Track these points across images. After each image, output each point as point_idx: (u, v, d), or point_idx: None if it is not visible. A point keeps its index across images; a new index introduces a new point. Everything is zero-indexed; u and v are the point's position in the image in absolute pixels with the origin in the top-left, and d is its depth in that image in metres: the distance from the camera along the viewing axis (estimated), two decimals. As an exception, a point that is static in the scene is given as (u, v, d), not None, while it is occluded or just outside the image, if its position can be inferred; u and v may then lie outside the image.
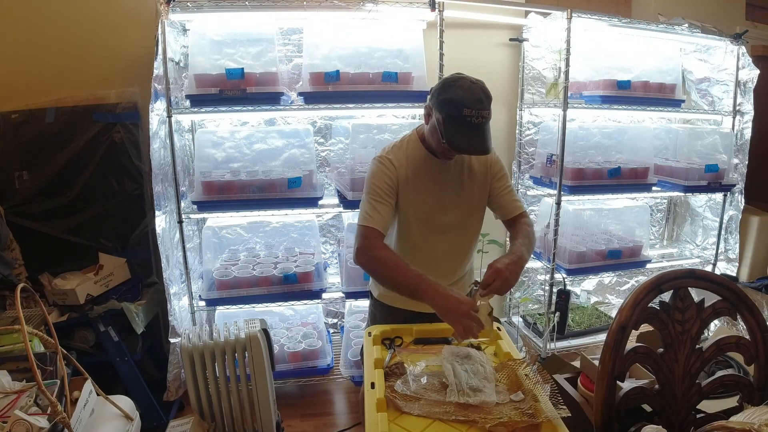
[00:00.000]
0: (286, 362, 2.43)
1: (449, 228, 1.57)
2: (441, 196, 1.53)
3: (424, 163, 1.52)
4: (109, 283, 2.23)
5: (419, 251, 1.58)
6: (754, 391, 1.18)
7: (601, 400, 1.14)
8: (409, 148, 1.53)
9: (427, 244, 1.57)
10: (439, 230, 1.56)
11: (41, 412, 1.18)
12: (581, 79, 2.64)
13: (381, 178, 1.48)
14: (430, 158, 1.52)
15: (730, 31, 2.75)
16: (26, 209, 2.32)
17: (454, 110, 1.35)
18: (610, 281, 3.20)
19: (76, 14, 2.37)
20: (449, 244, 1.60)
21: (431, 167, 1.52)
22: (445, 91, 1.39)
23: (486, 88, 1.41)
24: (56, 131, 2.33)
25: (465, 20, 2.64)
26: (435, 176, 1.52)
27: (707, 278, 1.20)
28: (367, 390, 1.22)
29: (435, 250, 1.59)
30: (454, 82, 1.39)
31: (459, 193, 1.56)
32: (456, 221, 1.57)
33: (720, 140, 2.78)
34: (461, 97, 1.35)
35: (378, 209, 1.46)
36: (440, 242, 1.58)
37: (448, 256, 1.62)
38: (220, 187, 2.24)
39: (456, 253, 1.63)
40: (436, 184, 1.53)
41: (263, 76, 2.19)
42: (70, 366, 1.34)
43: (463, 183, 1.56)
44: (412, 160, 1.51)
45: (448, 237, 1.58)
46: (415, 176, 1.51)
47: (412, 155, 1.52)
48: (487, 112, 1.39)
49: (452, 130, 1.36)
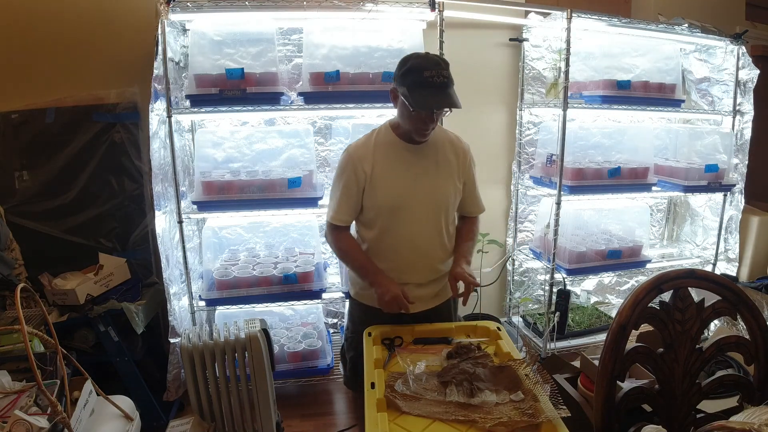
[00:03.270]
0: (286, 362, 2.43)
1: (423, 213, 1.59)
2: (413, 181, 1.57)
3: (395, 149, 1.58)
4: (109, 283, 2.22)
5: (393, 238, 1.60)
6: (754, 391, 1.18)
7: (601, 400, 1.14)
8: (379, 136, 1.60)
9: (401, 230, 1.59)
10: (413, 215, 1.58)
11: (41, 412, 1.18)
12: (581, 79, 2.64)
13: (349, 173, 1.57)
14: (401, 144, 1.58)
15: (730, 31, 2.75)
16: (26, 209, 2.32)
17: (415, 76, 1.43)
18: (610, 281, 3.20)
19: (76, 14, 2.37)
20: (424, 231, 1.61)
21: (403, 153, 1.58)
22: (404, 65, 1.48)
23: (442, 57, 1.52)
24: (56, 131, 2.33)
25: (465, 20, 2.64)
26: (407, 161, 1.57)
27: (707, 278, 1.20)
28: (367, 390, 1.22)
29: (409, 236, 1.60)
30: (409, 57, 1.49)
31: (433, 179, 1.59)
32: (429, 206, 1.60)
33: (720, 140, 2.78)
34: (419, 64, 1.44)
35: (344, 204, 1.59)
36: (415, 228, 1.59)
37: (425, 244, 1.63)
38: (220, 187, 2.24)
39: (432, 242, 1.64)
40: (408, 170, 1.57)
41: (263, 76, 2.18)
42: (70, 366, 1.33)
43: (438, 168, 1.60)
44: (381, 146, 1.58)
45: (423, 223, 1.60)
46: (385, 161, 1.56)
47: (382, 141, 1.59)
48: (447, 72, 1.46)
49: (418, 94, 1.42)
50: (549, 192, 2.62)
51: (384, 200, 1.56)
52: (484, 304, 2.98)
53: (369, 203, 1.58)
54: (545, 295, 2.75)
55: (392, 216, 1.57)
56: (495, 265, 3.05)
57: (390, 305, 1.53)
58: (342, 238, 1.65)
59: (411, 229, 1.59)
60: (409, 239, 1.60)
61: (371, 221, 1.61)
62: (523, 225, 3.03)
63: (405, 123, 1.53)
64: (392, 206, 1.56)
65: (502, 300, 3.17)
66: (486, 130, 2.92)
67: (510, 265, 3.07)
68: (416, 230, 1.60)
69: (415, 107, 1.43)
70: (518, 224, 3.02)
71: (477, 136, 2.89)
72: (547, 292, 2.69)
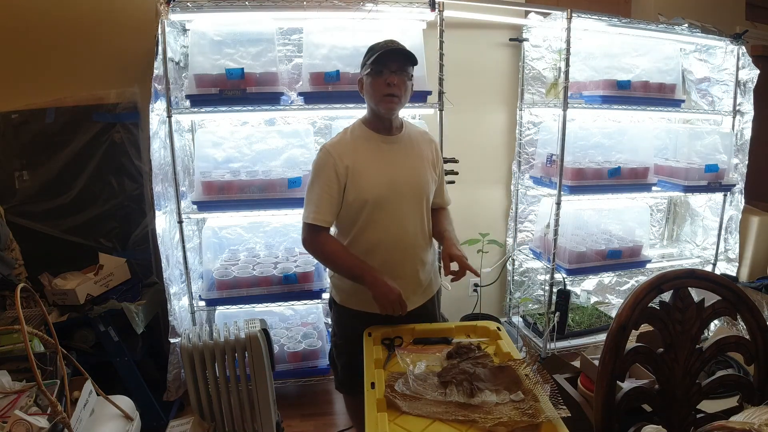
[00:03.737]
0: (286, 362, 2.43)
1: (407, 202, 1.61)
2: (395, 171, 1.59)
3: (373, 142, 1.60)
4: (109, 283, 2.23)
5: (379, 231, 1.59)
6: (754, 391, 1.18)
7: (601, 400, 1.14)
8: (354, 132, 1.63)
9: (387, 221, 1.59)
10: (398, 205, 1.59)
11: (41, 412, 1.18)
12: (581, 79, 2.64)
13: (326, 170, 1.56)
14: (378, 137, 1.61)
15: (730, 31, 2.75)
16: (26, 209, 2.33)
17: (371, 52, 1.54)
18: (610, 281, 3.20)
19: (76, 14, 2.37)
20: (409, 220, 1.62)
21: (381, 145, 1.60)
22: (366, 52, 1.58)
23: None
24: (56, 131, 2.33)
25: (465, 20, 2.64)
26: (386, 152, 1.60)
27: (707, 278, 1.20)
28: (367, 390, 1.22)
29: (395, 227, 1.60)
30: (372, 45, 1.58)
31: (413, 168, 1.63)
32: (413, 195, 1.62)
33: (720, 140, 2.78)
34: (373, 45, 1.56)
35: (326, 203, 1.56)
36: (400, 218, 1.60)
37: (410, 233, 1.63)
38: (220, 187, 2.24)
39: (416, 231, 1.65)
40: (389, 160, 1.59)
41: (263, 76, 2.19)
42: (70, 366, 1.34)
43: (416, 158, 1.64)
44: (359, 140, 1.60)
45: (407, 212, 1.61)
46: (366, 154, 1.58)
47: (359, 136, 1.61)
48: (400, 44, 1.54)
49: (377, 58, 1.51)
50: (549, 192, 2.62)
51: (369, 192, 1.55)
52: (484, 304, 2.98)
53: (352, 197, 1.56)
54: (545, 295, 2.75)
55: (377, 208, 1.57)
56: (495, 265, 3.05)
57: (393, 305, 1.49)
58: (327, 242, 1.58)
59: (396, 220, 1.59)
60: (394, 230, 1.60)
61: (353, 217, 1.59)
62: (523, 225, 3.03)
63: (372, 98, 1.56)
64: (378, 197, 1.56)
65: (502, 300, 3.17)
66: (486, 130, 2.92)
67: (510, 265, 3.07)
68: (401, 220, 1.60)
69: (375, 67, 1.51)
70: (518, 224, 3.02)
71: (477, 136, 2.90)
72: (547, 292, 2.69)
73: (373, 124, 1.61)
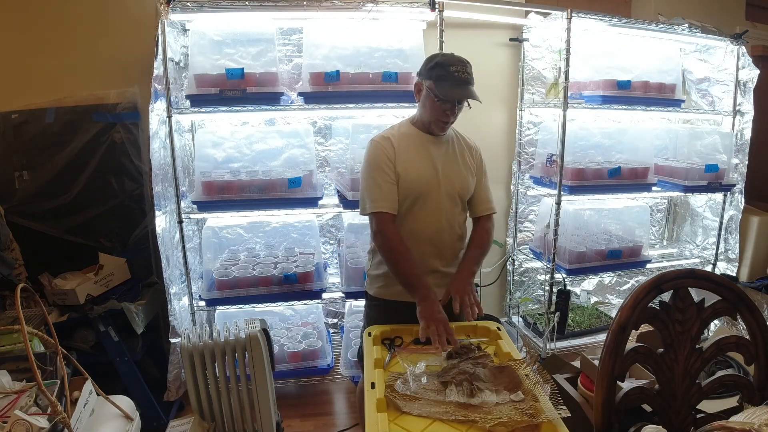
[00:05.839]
0: (286, 362, 2.43)
1: (445, 199, 1.64)
2: (436, 166, 1.63)
3: (418, 139, 1.65)
4: (109, 283, 2.23)
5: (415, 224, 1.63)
6: (754, 391, 1.18)
7: (601, 400, 1.14)
8: (401, 129, 1.69)
9: (424, 216, 1.63)
10: (436, 201, 1.63)
11: (41, 412, 1.18)
12: (581, 79, 2.63)
13: (382, 159, 1.60)
14: (423, 136, 1.66)
15: (730, 31, 2.75)
16: (26, 209, 2.32)
17: (441, 70, 1.55)
18: (610, 281, 3.20)
19: (76, 14, 2.37)
20: (444, 217, 1.65)
21: (425, 143, 1.65)
22: (430, 61, 1.61)
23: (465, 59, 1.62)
24: (56, 131, 2.33)
25: (465, 20, 2.64)
26: (429, 150, 1.65)
27: (707, 278, 1.20)
28: (367, 390, 1.22)
29: (431, 222, 1.64)
30: (435, 54, 1.64)
31: (454, 167, 1.67)
32: (451, 192, 1.65)
33: (720, 140, 2.77)
34: (445, 60, 1.58)
35: (385, 190, 1.58)
36: (436, 214, 1.64)
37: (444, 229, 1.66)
38: (220, 187, 2.24)
39: (451, 228, 1.68)
40: (431, 158, 1.64)
41: (263, 76, 2.18)
42: (70, 366, 1.34)
43: (456, 158, 1.68)
44: (405, 136, 1.65)
45: (444, 209, 1.65)
46: (409, 149, 1.63)
47: (405, 133, 1.66)
48: (469, 69, 1.59)
49: (443, 87, 1.55)
50: (549, 192, 2.62)
51: (410, 187, 1.60)
52: (484, 304, 2.96)
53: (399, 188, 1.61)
54: (545, 295, 2.75)
55: (418, 200, 1.61)
56: (495, 265, 3.05)
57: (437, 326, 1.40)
58: (399, 240, 1.55)
59: (432, 214, 1.63)
60: (430, 224, 1.63)
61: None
62: (523, 225, 3.03)
63: (427, 114, 1.62)
64: (418, 193, 1.61)
65: (502, 300, 3.17)
66: (486, 130, 2.92)
67: (510, 265, 3.07)
68: (437, 215, 1.64)
69: (441, 97, 1.55)
70: (518, 224, 3.02)
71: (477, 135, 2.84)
72: (547, 292, 2.69)
73: (421, 125, 1.67)
